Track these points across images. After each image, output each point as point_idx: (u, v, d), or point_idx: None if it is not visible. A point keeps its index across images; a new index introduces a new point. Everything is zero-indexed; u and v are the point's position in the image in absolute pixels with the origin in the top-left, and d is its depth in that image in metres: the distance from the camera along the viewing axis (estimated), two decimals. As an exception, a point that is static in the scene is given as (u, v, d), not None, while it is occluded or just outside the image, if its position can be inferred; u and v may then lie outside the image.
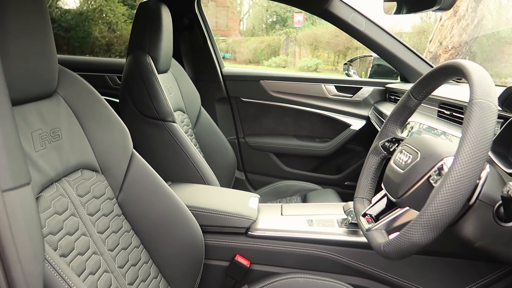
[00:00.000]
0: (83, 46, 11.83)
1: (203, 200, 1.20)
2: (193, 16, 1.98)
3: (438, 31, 7.16)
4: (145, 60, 1.39)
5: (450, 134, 1.13)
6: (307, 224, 1.18)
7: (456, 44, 6.95)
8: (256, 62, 14.70)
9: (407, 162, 0.74)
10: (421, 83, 0.83)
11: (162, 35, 1.45)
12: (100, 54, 12.02)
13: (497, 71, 9.93)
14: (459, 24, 6.84)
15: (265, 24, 18.18)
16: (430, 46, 7.26)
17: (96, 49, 12.00)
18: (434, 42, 7.21)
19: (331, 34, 12.91)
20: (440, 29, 7.13)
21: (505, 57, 9.96)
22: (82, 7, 12.43)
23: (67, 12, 12.10)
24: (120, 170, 0.97)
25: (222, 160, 1.79)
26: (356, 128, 1.96)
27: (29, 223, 0.52)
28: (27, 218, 0.52)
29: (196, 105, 1.75)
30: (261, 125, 2.11)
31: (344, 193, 1.93)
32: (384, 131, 0.92)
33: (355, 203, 0.90)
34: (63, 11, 12.01)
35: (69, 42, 11.90)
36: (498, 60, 10.06)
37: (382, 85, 1.92)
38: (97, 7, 12.08)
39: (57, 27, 11.65)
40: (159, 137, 1.37)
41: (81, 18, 11.90)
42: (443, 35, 7.06)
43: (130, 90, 1.40)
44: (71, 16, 12.02)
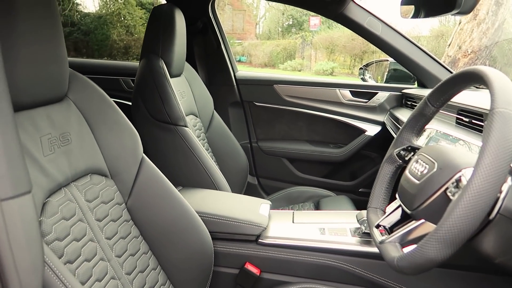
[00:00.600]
0: (101, 49, 12.04)
1: (213, 206, 1.18)
2: (207, 20, 1.97)
3: (457, 35, 7.03)
4: (158, 64, 1.39)
5: (469, 142, 1.09)
6: (319, 232, 1.15)
7: (476, 48, 6.80)
8: (271, 66, 14.71)
9: (423, 172, 0.70)
10: (439, 89, 0.80)
11: (176, 39, 1.44)
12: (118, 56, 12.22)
13: (518, 76, 9.70)
14: (479, 28, 6.70)
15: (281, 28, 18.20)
16: (448, 50, 7.13)
17: (114, 51, 12.20)
18: (453, 46, 7.08)
19: (348, 38, 12.84)
20: (459, 33, 7.00)
21: (527, 62, 9.73)
22: (101, 11, 12.66)
23: (86, 16, 12.34)
24: (129, 175, 0.97)
25: (234, 165, 1.78)
26: (371, 134, 1.92)
27: (28, 233, 0.51)
28: (26, 228, 0.51)
29: (209, 109, 1.74)
30: (274, 129, 2.09)
31: (358, 200, 1.89)
32: (399, 139, 0.89)
33: (368, 213, 0.87)
34: (83, 15, 12.25)
35: (88, 45, 12.12)
36: (520, 64, 9.84)
37: (399, 90, 1.88)
38: (116, 10, 12.28)
39: (76, 31, 11.90)
40: (171, 141, 1.36)
41: (100, 22, 12.11)
42: (462, 39, 6.93)
43: (142, 94, 1.39)
44: (90, 19, 12.26)
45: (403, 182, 0.76)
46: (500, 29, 6.95)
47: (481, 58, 6.85)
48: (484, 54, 6.87)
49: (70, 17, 11.84)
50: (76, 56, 11.95)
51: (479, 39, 6.77)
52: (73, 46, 12.05)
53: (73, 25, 11.95)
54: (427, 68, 1.71)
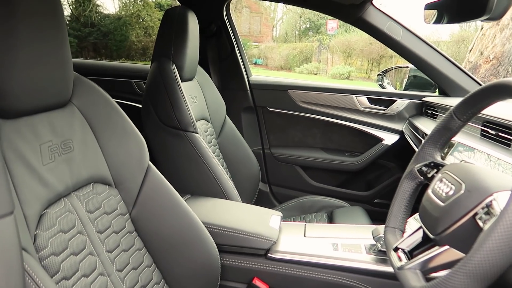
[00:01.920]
0: (120, 49, 12.20)
1: (221, 217, 1.14)
2: (221, 23, 1.93)
3: (478, 40, 6.85)
4: (169, 67, 1.35)
5: (494, 157, 1.01)
6: (331, 248, 1.09)
7: (498, 54, 6.62)
8: (287, 69, 14.67)
9: (448, 194, 0.64)
10: (467, 102, 0.74)
11: (188, 42, 1.40)
12: (135, 57, 12.35)
13: (542, 83, 9.43)
14: (502, 34, 6.52)
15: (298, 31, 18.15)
16: (470, 56, 6.95)
17: (132, 52, 12.35)
18: (474, 51, 6.90)
19: (365, 42, 12.71)
20: (481, 39, 6.82)
21: (551, 69, 9.46)
22: (120, 12, 12.83)
23: (106, 17, 12.53)
24: (134, 184, 0.93)
25: (246, 171, 1.73)
26: (388, 143, 1.85)
27: (7, 257, 0.47)
28: (5, 252, 0.47)
29: (221, 114, 1.70)
30: (288, 136, 2.04)
31: (373, 211, 1.82)
32: (421, 154, 0.83)
33: (386, 233, 0.81)
34: (102, 16, 12.44)
35: (107, 46, 12.30)
36: (543, 71, 9.56)
37: (419, 98, 1.81)
38: (135, 12, 12.43)
39: (96, 31, 12.10)
40: (180, 147, 1.32)
41: (119, 23, 12.28)
42: (484, 44, 6.75)
43: (152, 98, 1.36)
44: (110, 20, 12.44)
45: (426, 202, 0.70)
46: (524, 35, 6.75)
47: (504, 65, 6.66)
48: (507, 60, 6.68)
49: (90, 17, 12.04)
50: (95, 56, 12.14)
51: (502, 45, 6.59)
52: (93, 46, 12.26)
53: (93, 26, 12.16)
54: (450, 75, 1.64)
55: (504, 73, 6.78)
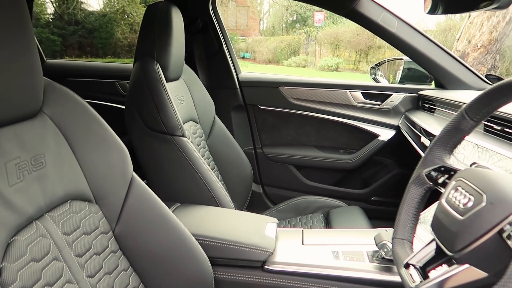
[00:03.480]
0: (105, 47, 12.04)
1: (213, 228, 1.06)
2: (208, 18, 1.85)
3: (466, 29, 6.86)
4: (153, 67, 1.26)
5: (499, 153, 0.95)
6: (332, 256, 1.03)
7: (486, 42, 6.63)
8: (275, 62, 14.59)
9: (466, 205, 0.57)
10: (480, 101, 0.67)
11: (173, 40, 1.31)
12: (122, 55, 12.16)
13: (527, 70, 9.50)
14: (489, 22, 6.52)
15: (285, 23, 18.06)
16: (457, 45, 6.95)
17: (118, 49, 12.17)
18: (462, 40, 6.91)
19: (353, 33, 12.67)
20: (468, 27, 6.83)
21: (538, 56, 9.53)
22: (105, 9, 12.62)
23: (91, 14, 12.33)
24: (117, 198, 0.85)
25: (237, 173, 1.65)
26: (384, 138, 1.79)
27: None
28: None
29: (210, 114, 1.62)
30: (280, 134, 1.97)
31: (370, 209, 1.77)
32: (429, 157, 0.76)
33: (394, 246, 0.74)
34: (87, 13, 12.25)
35: (92, 44, 12.10)
36: (530, 58, 9.62)
37: (415, 91, 1.75)
38: (120, 8, 12.23)
39: (81, 29, 11.90)
40: (167, 153, 1.24)
41: (104, 20, 12.12)
42: (471, 33, 6.76)
43: (136, 101, 1.27)
44: (94, 17, 12.24)
45: (440, 214, 0.63)
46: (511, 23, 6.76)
47: (491, 53, 6.68)
48: (495, 48, 6.69)
49: (74, 15, 11.84)
50: (80, 55, 11.94)
51: (489, 33, 6.60)
52: (78, 44, 12.08)
53: (77, 23, 11.98)
54: (447, 67, 1.58)
55: (492, 61, 6.80)
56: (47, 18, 12.09)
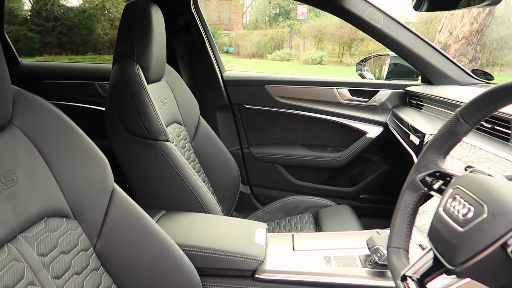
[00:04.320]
0: (86, 43, 11.79)
1: (201, 237, 1.02)
2: (189, 16, 1.79)
3: (448, 20, 6.92)
4: (133, 70, 1.20)
5: (491, 153, 0.94)
6: (324, 262, 1.00)
7: (467, 33, 6.71)
8: (259, 56, 14.53)
9: (466, 216, 0.55)
10: (476, 104, 0.64)
11: (153, 40, 1.26)
12: (103, 51, 11.93)
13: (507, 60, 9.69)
14: (470, 13, 6.59)
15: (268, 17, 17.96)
16: (439, 36, 7.02)
17: (99, 46, 11.92)
18: (444, 32, 6.98)
19: (336, 26, 12.68)
20: (450, 19, 6.89)
21: (515, 46, 9.70)
22: (84, 4, 12.33)
23: (69, 10, 12.03)
24: (98, 212, 0.80)
25: (224, 175, 1.61)
26: (372, 135, 1.77)
27: None
28: None
29: (195, 115, 1.57)
30: (267, 134, 1.93)
31: (359, 207, 1.75)
32: (423, 162, 0.73)
33: (389, 255, 0.72)
34: (65, 9, 11.95)
35: (72, 40, 11.82)
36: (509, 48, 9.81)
37: (402, 87, 1.73)
38: (100, 3, 11.98)
39: (60, 26, 11.61)
40: (151, 159, 1.19)
41: (84, 16, 11.84)
42: (453, 24, 6.83)
43: (116, 105, 1.21)
44: (73, 14, 11.95)
45: (438, 224, 0.60)
46: (491, 14, 6.85)
47: (472, 44, 6.76)
48: (475, 39, 6.77)
49: (52, 11, 11.56)
50: (60, 52, 11.67)
51: (470, 25, 6.67)
52: (57, 42, 11.80)
53: (56, 20, 11.70)
54: (433, 63, 1.57)
55: (473, 52, 6.88)
56: (24, 15, 11.76)
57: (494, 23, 8.54)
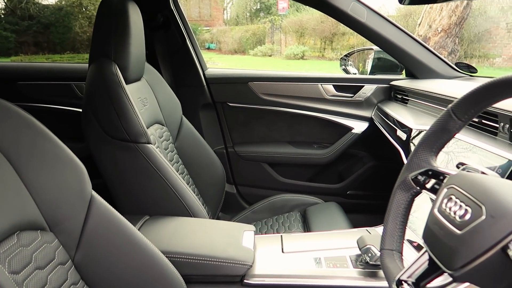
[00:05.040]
0: (63, 42, 11.53)
1: (186, 242, 0.99)
2: (169, 13, 1.73)
3: (427, 14, 6.99)
4: (110, 70, 1.15)
5: (478, 147, 0.92)
6: (314, 264, 0.98)
7: (445, 26, 6.79)
8: (241, 52, 14.47)
9: (464, 218, 0.52)
10: (469, 99, 0.62)
11: (131, 38, 1.20)
12: (81, 49, 11.67)
13: (485, 52, 9.88)
14: (448, 6, 6.67)
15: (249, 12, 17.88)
16: (419, 30, 7.09)
17: (77, 44, 11.66)
18: (423, 25, 7.05)
19: (317, 20, 12.70)
20: (429, 12, 6.97)
21: (492, 38, 9.90)
22: (61, 2, 12.04)
23: (45, 8, 11.74)
24: (76, 222, 0.75)
25: (209, 175, 1.58)
26: (358, 131, 1.76)
27: None
28: None
29: (177, 115, 1.52)
30: (252, 132, 1.90)
31: (347, 203, 1.74)
32: (414, 160, 0.71)
33: (383, 258, 0.69)
34: (41, 7, 11.65)
35: (49, 39, 11.54)
36: (486, 40, 9.99)
37: (386, 82, 1.72)
38: (76, 1, 11.71)
39: (36, 24, 11.31)
40: (132, 162, 1.14)
41: (60, 14, 11.57)
42: (432, 17, 6.90)
43: (93, 107, 1.16)
44: (49, 12, 11.66)
45: (433, 226, 0.58)
46: (469, 6, 6.95)
47: (451, 36, 6.85)
48: (454, 32, 6.87)
49: (27, 9, 11.26)
50: (37, 51, 11.39)
51: (449, 17, 6.76)
52: (33, 41, 11.51)
53: (32, 18, 11.40)
54: (418, 56, 1.56)
55: (452, 44, 6.97)
56: (-3, 14, 11.44)
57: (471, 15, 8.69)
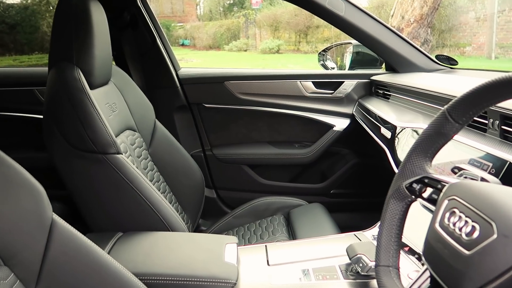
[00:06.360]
0: (31, 42, 11.16)
1: (163, 261, 0.91)
2: (136, 10, 1.63)
3: (399, 4, 7.06)
4: (72, 75, 1.05)
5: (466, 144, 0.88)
6: (302, 276, 0.92)
7: (418, 17, 6.87)
8: (216, 47, 14.34)
9: (472, 236, 0.47)
10: (468, 100, 0.56)
11: (94, 39, 1.10)
12: (51, 49, 11.27)
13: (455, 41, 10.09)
14: (420, -4, 6.75)
15: (223, 7, 17.71)
16: (392, 21, 7.14)
17: (46, 44, 11.29)
18: (396, 16, 7.11)
19: (291, 14, 12.68)
20: (401, 3, 7.03)
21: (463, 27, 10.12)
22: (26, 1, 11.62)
23: (10, 8, 11.32)
24: (34, 253, 0.66)
25: (187, 181, 1.50)
26: (339, 128, 1.71)
27: None
28: None
29: (150, 119, 1.43)
30: (230, 133, 1.82)
31: (331, 203, 1.69)
32: (408, 167, 0.65)
33: (379, 276, 0.63)
34: (5, 7, 11.25)
35: (16, 39, 11.12)
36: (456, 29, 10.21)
37: (367, 77, 1.68)
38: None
39: (0, 24, 10.85)
40: (101, 174, 1.05)
41: (26, 13, 11.20)
42: (404, 8, 6.97)
43: (55, 117, 1.06)
44: (15, 11, 11.26)
45: (436, 244, 0.52)
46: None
47: (423, 27, 6.93)
48: (426, 22, 6.96)
49: (-10, 9, 10.88)
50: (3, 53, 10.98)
51: (421, 8, 6.84)
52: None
53: (-5, 19, 11.00)
54: (398, 50, 1.52)
55: (425, 35, 7.07)
56: (-41, 15, 10.96)
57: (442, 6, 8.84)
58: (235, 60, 11.88)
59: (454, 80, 1.32)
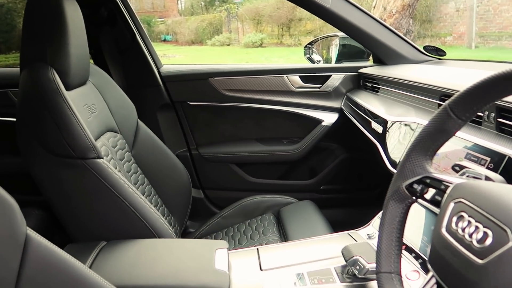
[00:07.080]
0: (8, 41, 10.83)
1: (150, 272, 0.86)
2: (114, 5, 1.56)
3: (381, -4, 7.06)
4: (46, 76, 0.98)
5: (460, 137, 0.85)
6: (297, 280, 0.88)
7: (399, 8, 6.89)
8: (199, 42, 14.20)
9: (484, 243, 0.43)
10: (471, 95, 0.53)
11: (69, 37, 1.03)
12: (29, 48, 10.99)
13: (436, 31, 10.19)
14: (401, -13, 6.76)
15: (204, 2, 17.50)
16: (374, 12, 7.15)
17: (24, 43, 10.98)
18: (378, 7, 7.12)
19: (273, 7, 12.62)
20: (383, -6, 7.03)
21: (443, 17, 10.23)
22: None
23: (-16, 6, 11.00)
24: (8, 273, 0.61)
25: (173, 182, 1.45)
26: (328, 123, 1.68)
27: None
28: None
29: (132, 120, 1.37)
30: (216, 131, 1.78)
31: (321, 200, 1.66)
32: (408, 166, 0.62)
33: (381, 283, 0.60)
34: (-21, 4, 10.93)
35: (-8, 38, 10.82)
36: (437, 20, 10.31)
37: (355, 70, 1.64)
38: (19, -5, 11.08)
39: (-26, 22, 10.56)
40: (80, 181, 0.99)
41: (2, 11, 10.87)
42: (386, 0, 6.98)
43: (28, 121, 0.99)
44: (-11, 9, 10.96)
45: (444, 251, 0.49)
46: (420, -13, 7.07)
47: (405, 17, 6.96)
48: (408, 13, 6.99)
49: (-38, 7, 10.53)
50: (-20, 52, 10.70)
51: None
52: None
53: (-32, 17, 10.65)
54: (385, 42, 1.49)
55: (407, 26, 7.09)
56: None
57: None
58: (218, 54, 11.78)
59: (444, 72, 1.30)
